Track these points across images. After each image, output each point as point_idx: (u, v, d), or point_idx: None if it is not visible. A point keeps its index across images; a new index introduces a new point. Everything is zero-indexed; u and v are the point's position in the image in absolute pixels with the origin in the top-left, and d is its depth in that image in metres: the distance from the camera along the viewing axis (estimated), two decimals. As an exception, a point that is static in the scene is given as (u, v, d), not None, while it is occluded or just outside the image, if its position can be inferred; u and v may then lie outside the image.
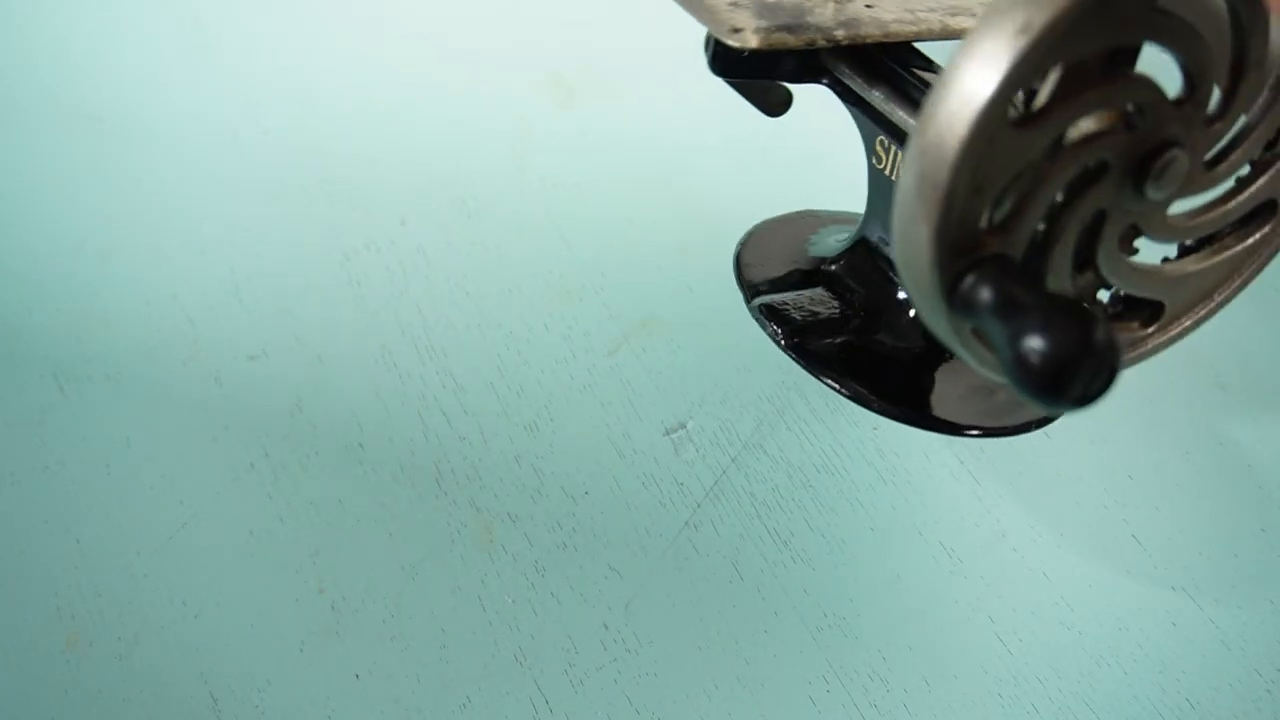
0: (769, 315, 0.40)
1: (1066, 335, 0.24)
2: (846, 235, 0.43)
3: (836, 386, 0.39)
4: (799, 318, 0.40)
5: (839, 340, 0.40)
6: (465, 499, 0.41)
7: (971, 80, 0.24)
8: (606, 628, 0.38)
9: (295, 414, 0.43)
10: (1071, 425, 0.43)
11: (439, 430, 0.42)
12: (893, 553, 0.40)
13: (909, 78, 0.37)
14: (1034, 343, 0.24)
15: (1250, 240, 0.34)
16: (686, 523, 0.40)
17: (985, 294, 0.26)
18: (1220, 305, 0.35)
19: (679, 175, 0.53)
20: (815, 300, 0.41)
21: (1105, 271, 0.31)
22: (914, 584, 0.39)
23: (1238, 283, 0.35)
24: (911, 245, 0.26)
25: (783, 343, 0.40)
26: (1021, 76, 0.24)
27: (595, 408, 0.44)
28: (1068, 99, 0.26)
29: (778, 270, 0.43)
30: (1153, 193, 0.29)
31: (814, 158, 0.54)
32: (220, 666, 0.36)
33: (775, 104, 0.43)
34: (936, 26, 0.36)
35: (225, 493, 0.40)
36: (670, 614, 0.38)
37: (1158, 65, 0.29)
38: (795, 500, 0.41)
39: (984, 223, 0.27)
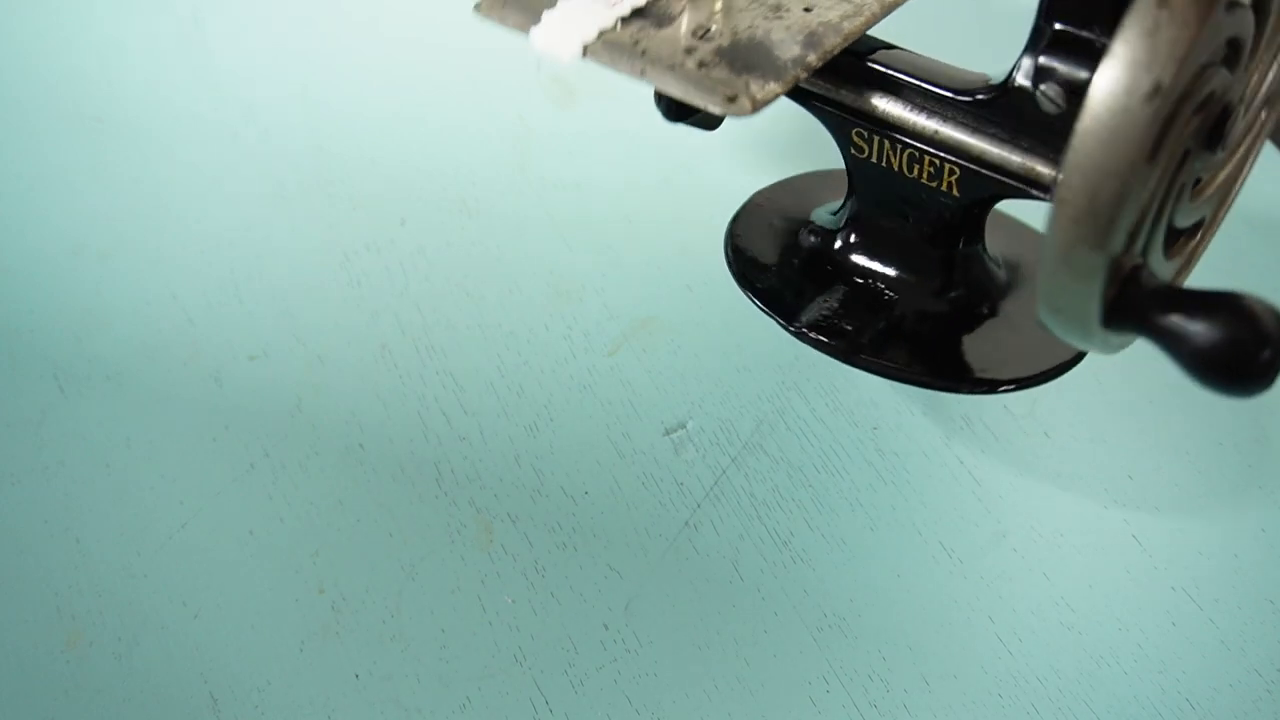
0: (822, 332, 0.40)
1: (1243, 332, 0.27)
2: (837, 212, 0.43)
3: (902, 377, 0.39)
4: (850, 327, 0.40)
5: (880, 330, 0.40)
6: (465, 499, 0.41)
7: (1114, 147, 0.26)
8: (606, 628, 0.38)
9: (295, 414, 0.43)
10: (1071, 425, 0.43)
11: (439, 430, 0.42)
12: (893, 553, 0.40)
13: (873, 66, 0.37)
14: (1217, 348, 0.27)
15: (1254, 129, 0.36)
16: (686, 523, 0.40)
17: (1149, 315, 0.28)
18: (1238, 192, 0.37)
19: (679, 175, 0.53)
20: (845, 301, 0.41)
21: (1177, 221, 0.32)
22: (914, 584, 0.39)
23: (1247, 168, 0.37)
24: (1072, 298, 0.28)
25: (844, 357, 0.40)
26: (1158, 133, 0.26)
27: (595, 408, 0.44)
28: (1176, 119, 0.28)
29: (770, 257, 0.43)
30: (1221, 153, 0.31)
31: (816, 156, 0.54)
32: (220, 666, 0.36)
33: (712, 120, 0.42)
34: (877, 8, 0.36)
35: (225, 493, 0.40)
36: (670, 614, 0.38)
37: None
38: (795, 500, 0.41)
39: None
